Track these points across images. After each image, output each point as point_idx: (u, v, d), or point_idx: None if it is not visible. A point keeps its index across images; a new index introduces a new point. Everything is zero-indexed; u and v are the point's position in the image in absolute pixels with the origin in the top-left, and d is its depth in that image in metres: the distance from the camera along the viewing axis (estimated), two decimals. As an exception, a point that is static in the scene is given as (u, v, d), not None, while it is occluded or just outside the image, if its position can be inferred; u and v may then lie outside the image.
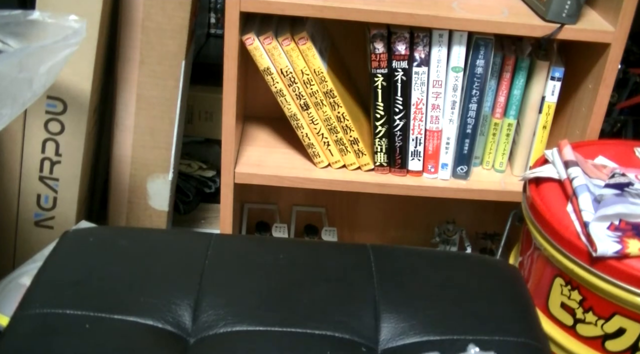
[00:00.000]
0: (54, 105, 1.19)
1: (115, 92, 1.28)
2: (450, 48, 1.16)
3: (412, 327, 0.74)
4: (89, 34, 1.13)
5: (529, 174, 1.04)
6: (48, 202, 1.25)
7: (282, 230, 1.50)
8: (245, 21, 1.17)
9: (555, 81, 1.20)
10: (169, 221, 1.40)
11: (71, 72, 1.16)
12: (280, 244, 0.89)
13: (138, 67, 1.24)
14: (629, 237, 0.87)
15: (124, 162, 1.31)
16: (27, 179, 1.24)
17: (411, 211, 1.55)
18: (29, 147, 1.21)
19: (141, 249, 0.82)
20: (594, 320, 0.91)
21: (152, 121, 1.28)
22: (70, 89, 1.18)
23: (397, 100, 1.19)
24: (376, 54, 1.15)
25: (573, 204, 0.94)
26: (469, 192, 1.27)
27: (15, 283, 1.12)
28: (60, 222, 1.27)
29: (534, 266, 1.00)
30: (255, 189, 1.49)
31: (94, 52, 1.16)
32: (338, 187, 1.26)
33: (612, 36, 1.12)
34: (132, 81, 1.26)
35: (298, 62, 1.15)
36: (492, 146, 1.30)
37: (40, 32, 0.94)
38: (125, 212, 1.35)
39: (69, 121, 1.20)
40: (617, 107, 1.48)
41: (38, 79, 0.86)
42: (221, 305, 0.74)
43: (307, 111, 1.20)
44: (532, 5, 1.17)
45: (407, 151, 1.24)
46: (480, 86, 1.18)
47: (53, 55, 0.87)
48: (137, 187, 1.33)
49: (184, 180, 1.52)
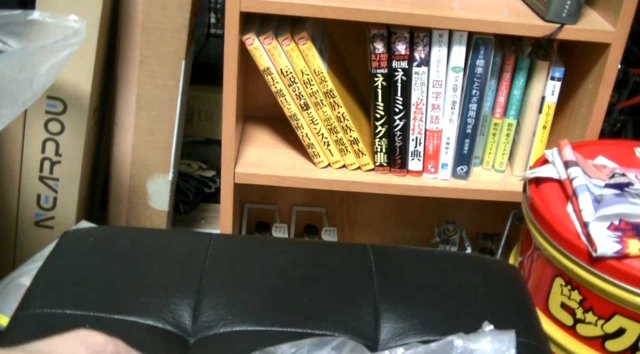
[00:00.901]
0: (54, 105, 1.19)
1: (115, 92, 1.28)
2: (450, 48, 1.16)
3: (412, 327, 0.74)
4: (89, 34, 1.13)
5: (529, 174, 1.04)
6: (48, 202, 1.25)
7: (282, 230, 1.50)
8: (245, 21, 1.17)
9: (555, 81, 1.20)
10: (169, 221, 1.40)
11: (71, 72, 1.16)
12: (280, 244, 0.89)
13: (138, 67, 1.24)
14: (629, 237, 0.87)
15: (124, 162, 1.31)
16: (27, 179, 1.24)
17: (411, 211, 1.55)
18: (29, 147, 1.21)
19: (141, 249, 0.82)
20: (594, 320, 0.91)
21: (152, 121, 1.28)
22: (70, 89, 1.18)
23: (397, 100, 1.19)
24: (376, 54, 1.15)
25: (573, 204, 0.94)
26: (469, 192, 1.27)
27: (15, 283, 1.12)
28: (60, 222, 1.27)
29: (534, 266, 1.00)
30: (255, 189, 1.49)
31: (94, 52, 1.16)
32: (338, 187, 1.26)
33: (612, 36, 1.12)
34: (132, 81, 1.26)
35: (298, 62, 1.15)
36: (492, 146, 1.30)
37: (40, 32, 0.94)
38: (125, 212, 1.35)
39: (69, 121, 1.20)
40: (617, 107, 1.48)
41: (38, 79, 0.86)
42: (221, 305, 0.74)
43: (307, 111, 1.20)
44: (532, 5, 1.17)
45: (407, 151, 1.24)
46: (480, 86, 1.18)
47: (53, 55, 0.87)
48: (137, 187, 1.33)
49: (184, 180, 1.52)
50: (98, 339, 0.41)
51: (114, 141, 1.31)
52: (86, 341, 0.40)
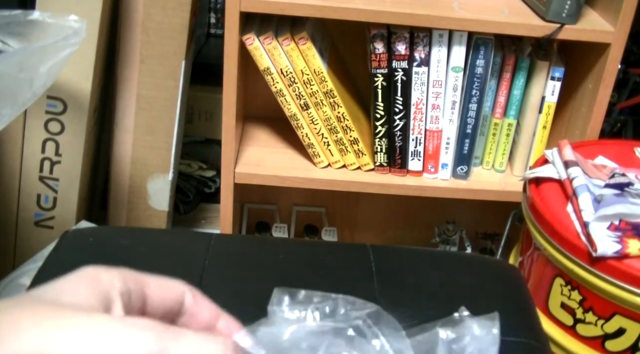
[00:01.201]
0: (54, 105, 1.19)
1: (115, 92, 1.28)
2: (450, 48, 1.16)
3: (412, 327, 0.73)
4: (89, 34, 1.13)
5: (529, 174, 1.04)
6: (48, 202, 1.25)
7: (282, 230, 1.50)
8: (245, 21, 1.17)
9: (555, 81, 1.20)
10: (169, 221, 1.40)
11: (71, 72, 1.16)
12: (280, 244, 0.89)
13: (138, 67, 1.24)
14: (629, 237, 0.87)
15: (124, 162, 1.31)
16: (27, 179, 1.24)
17: (411, 211, 1.55)
18: (29, 147, 1.21)
19: (141, 249, 0.82)
20: (594, 320, 0.91)
21: (152, 121, 1.28)
22: (70, 89, 1.18)
23: (397, 100, 1.19)
24: (376, 54, 1.15)
25: (573, 204, 0.93)
26: (469, 192, 1.27)
27: (15, 283, 1.12)
28: (60, 222, 1.27)
29: (534, 266, 1.00)
30: (255, 189, 1.49)
31: (94, 52, 1.16)
32: (338, 187, 1.26)
33: (612, 36, 1.12)
34: (132, 81, 1.26)
35: (298, 62, 1.15)
36: (492, 146, 1.30)
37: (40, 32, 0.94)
38: (125, 212, 1.35)
39: (69, 121, 1.20)
40: (617, 107, 1.48)
41: (38, 79, 0.86)
42: (221, 305, 0.74)
43: (307, 111, 1.20)
44: (532, 5, 1.17)
45: (407, 151, 1.24)
46: (480, 86, 1.18)
47: (53, 55, 0.86)
48: (137, 187, 1.33)
49: (184, 180, 1.52)
50: (104, 277, 0.39)
51: (114, 141, 1.31)
52: (91, 282, 0.38)
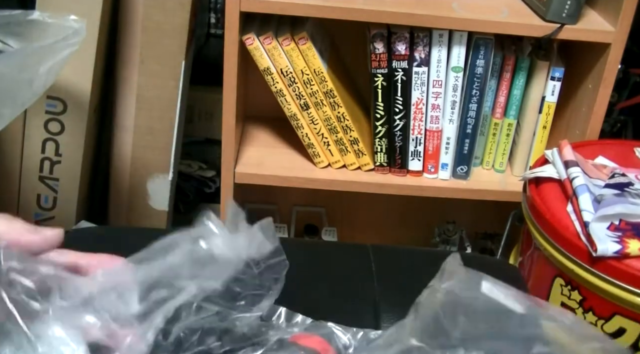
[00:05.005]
0: (54, 105, 1.19)
1: (115, 92, 1.28)
2: (450, 48, 1.16)
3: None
4: (89, 34, 1.13)
5: (529, 174, 1.04)
6: (48, 202, 1.25)
7: (282, 230, 1.50)
8: (245, 21, 1.17)
9: (555, 81, 1.20)
10: (169, 221, 1.40)
11: (71, 72, 1.16)
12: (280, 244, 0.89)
13: (138, 67, 1.24)
14: (629, 238, 0.87)
15: (124, 162, 1.31)
16: (27, 179, 1.24)
17: (411, 211, 1.55)
18: (29, 147, 1.21)
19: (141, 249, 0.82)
20: (594, 320, 0.91)
21: (152, 121, 1.28)
22: (70, 89, 1.18)
23: (397, 100, 1.19)
24: (376, 54, 1.15)
25: (573, 204, 0.93)
26: (469, 192, 1.27)
27: (15, 283, 1.11)
28: (60, 222, 1.27)
29: (534, 266, 1.00)
30: (255, 189, 1.49)
31: (94, 52, 1.16)
32: (338, 187, 1.26)
33: (612, 36, 1.12)
34: (132, 81, 1.26)
35: (298, 62, 1.15)
36: (492, 146, 1.30)
37: (40, 32, 0.93)
38: (125, 212, 1.35)
39: (69, 121, 1.20)
40: (617, 107, 1.48)
41: (38, 79, 0.85)
42: (221, 305, 0.74)
43: (307, 111, 1.20)
44: (532, 5, 1.17)
45: (407, 151, 1.24)
46: (480, 86, 1.18)
47: (53, 55, 0.86)
48: (137, 187, 1.33)
49: (184, 180, 1.52)
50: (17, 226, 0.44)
51: (114, 141, 1.31)
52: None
